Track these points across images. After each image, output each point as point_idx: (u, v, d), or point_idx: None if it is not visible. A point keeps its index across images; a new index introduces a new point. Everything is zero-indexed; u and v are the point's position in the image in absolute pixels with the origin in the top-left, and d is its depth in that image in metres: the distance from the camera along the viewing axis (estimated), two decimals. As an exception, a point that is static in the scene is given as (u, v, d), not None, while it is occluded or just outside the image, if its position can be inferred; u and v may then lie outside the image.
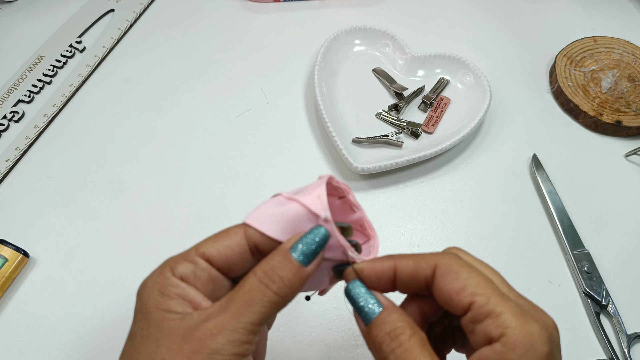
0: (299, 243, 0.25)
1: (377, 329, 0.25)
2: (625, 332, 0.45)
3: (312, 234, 0.26)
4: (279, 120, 0.57)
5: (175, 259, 0.26)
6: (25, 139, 0.54)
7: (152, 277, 0.26)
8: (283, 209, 0.26)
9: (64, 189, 0.52)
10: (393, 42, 0.61)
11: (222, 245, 0.26)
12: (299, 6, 0.68)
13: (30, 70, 0.60)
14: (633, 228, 0.51)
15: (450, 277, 0.25)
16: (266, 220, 0.26)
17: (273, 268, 0.25)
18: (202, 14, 0.67)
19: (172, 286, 0.25)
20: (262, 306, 0.24)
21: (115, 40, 0.63)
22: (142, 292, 0.25)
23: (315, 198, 0.26)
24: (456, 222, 0.51)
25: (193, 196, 0.52)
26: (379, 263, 0.27)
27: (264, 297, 0.24)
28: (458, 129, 0.54)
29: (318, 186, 0.27)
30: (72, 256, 0.48)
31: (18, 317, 0.45)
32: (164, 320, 0.24)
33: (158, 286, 0.25)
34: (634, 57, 0.62)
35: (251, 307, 0.24)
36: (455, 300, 0.24)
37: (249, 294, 0.24)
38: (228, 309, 0.24)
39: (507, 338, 0.22)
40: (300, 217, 0.26)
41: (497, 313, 0.23)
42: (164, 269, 0.25)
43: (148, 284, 0.25)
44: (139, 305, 0.25)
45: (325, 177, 0.28)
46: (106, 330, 0.44)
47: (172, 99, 0.59)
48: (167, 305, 0.24)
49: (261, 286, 0.24)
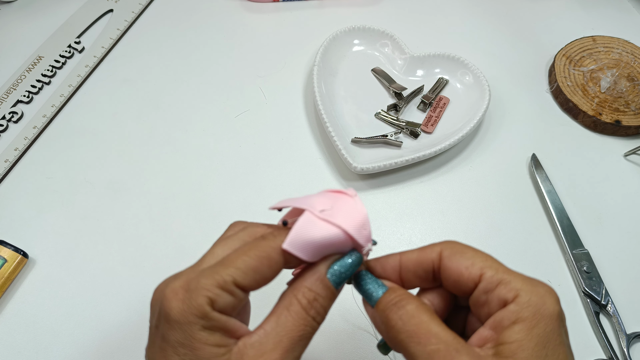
0: (337, 267, 0.26)
1: (383, 303, 0.26)
2: (625, 332, 0.45)
3: (351, 261, 0.26)
4: (278, 121, 0.57)
5: (211, 285, 0.24)
6: (24, 140, 0.54)
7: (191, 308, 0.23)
8: (325, 236, 0.26)
9: (63, 190, 0.52)
10: (392, 42, 0.61)
11: (259, 275, 0.25)
12: (297, 6, 0.68)
13: (29, 70, 0.60)
14: (632, 227, 0.51)
15: (458, 255, 0.26)
16: (308, 248, 0.26)
17: (317, 299, 0.25)
18: (201, 14, 0.67)
19: (215, 321, 0.24)
20: (309, 339, 0.25)
21: (114, 41, 0.63)
22: (181, 323, 0.23)
23: (360, 228, 0.26)
24: (455, 221, 0.51)
25: (192, 196, 0.52)
26: (384, 259, 0.28)
27: (312, 330, 0.25)
28: (457, 129, 0.54)
29: (357, 211, 0.27)
30: (71, 257, 0.48)
31: (17, 317, 0.45)
32: (215, 356, 0.23)
33: (201, 322, 0.23)
34: (633, 57, 0.62)
35: (302, 341, 0.25)
36: (465, 276, 0.25)
37: (302, 328, 0.25)
38: (282, 343, 0.24)
39: (520, 298, 0.24)
40: (342, 244, 0.26)
41: (508, 280, 0.24)
42: (204, 299, 0.23)
43: (188, 317, 0.23)
44: (180, 337, 0.23)
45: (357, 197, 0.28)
46: (105, 331, 0.44)
47: (171, 99, 0.59)
48: (213, 340, 0.23)
49: (309, 319, 0.25)
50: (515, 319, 0.23)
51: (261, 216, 0.50)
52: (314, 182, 0.53)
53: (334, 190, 0.29)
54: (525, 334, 0.23)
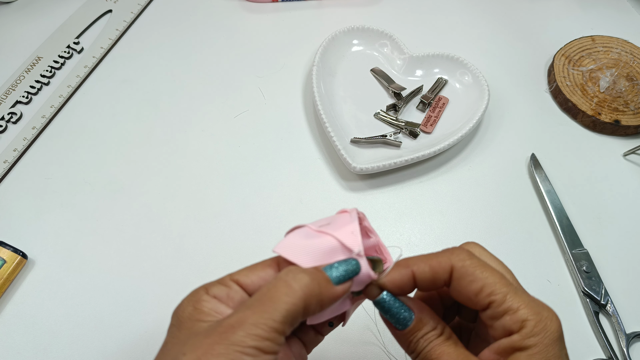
0: (331, 265, 0.27)
1: (413, 335, 0.27)
2: (624, 332, 0.45)
3: (345, 263, 0.27)
4: (277, 121, 0.57)
5: (209, 283, 0.27)
6: (23, 140, 0.54)
7: (187, 297, 0.26)
8: (316, 241, 0.27)
9: (62, 190, 0.52)
10: (391, 42, 0.61)
11: (255, 276, 0.27)
12: (297, 6, 0.68)
13: (28, 71, 0.60)
14: (632, 227, 0.51)
15: (467, 279, 0.27)
16: (297, 250, 0.27)
17: (301, 269, 0.26)
18: (200, 14, 0.67)
19: (206, 301, 0.26)
20: (286, 303, 0.24)
21: (113, 41, 0.63)
22: (177, 310, 0.26)
23: (349, 233, 0.27)
24: (455, 221, 0.51)
25: (191, 197, 0.52)
26: (397, 275, 0.28)
27: (288, 293, 0.24)
28: (456, 129, 0.54)
29: (350, 222, 0.28)
30: (71, 257, 0.48)
31: (16, 318, 0.45)
32: (195, 326, 0.25)
33: (192, 303, 0.26)
34: (632, 56, 0.62)
35: (274, 303, 0.24)
36: (474, 301, 0.27)
37: (274, 289, 0.25)
38: (251, 306, 0.24)
39: (525, 330, 0.25)
40: (333, 250, 0.27)
41: (514, 309, 0.26)
42: (199, 290, 0.26)
43: (183, 303, 0.26)
44: (173, 320, 0.26)
45: (354, 211, 0.29)
46: (105, 332, 0.44)
47: (170, 99, 0.59)
48: (199, 316, 0.25)
49: (287, 281, 0.25)
50: (518, 347, 0.25)
51: (260, 216, 0.50)
52: (313, 182, 0.53)
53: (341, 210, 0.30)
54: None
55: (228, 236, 0.49)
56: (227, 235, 0.49)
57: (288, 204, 0.51)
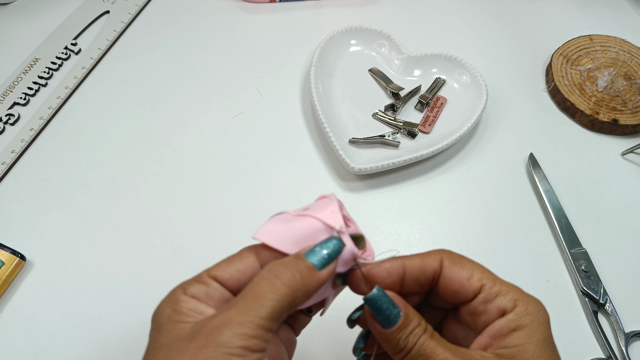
0: (313, 249, 0.26)
1: (401, 332, 0.27)
2: (623, 331, 0.45)
3: (327, 242, 0.26)
4: (276, 121, 0.57)
5: (186, 282, 0.26)
6: (21, 142, 0.54)
7: (164, 299, 0.26)
8: (296, 224, 0.27)
9: (60, 192, 0.52)
10: (389, 42, 0.61)
11: (234, 269, 0.26)
12: (294, 6, 0.68)
13: (26, 72, 0.59)
14: (630, 226, 0.52)
15: (458, 266, 0.28)
16: (277, 235, 0.26)
17: (283, 263, 0.25)
18: (198, 15, 0.67)
19: (184, 302, 0.25)
20: (271, 299, 0.24)
21: (110, 42, 0.63)
22: (155, 313, 0.26)
23: (329, 212, 0.27)
24: (453, 221, 0.51)
25: (190, 198, 0.52)
26: (387, 263, 0.28)
27: (272, 290, 0.24)
28: (455, 129, 0.54)
29: (329, 203, 0.28)
30: (69, 259, 0.48)
31: (15, 320, 0.44)
32: (175, 329, 0.24)
33: (170, 304, 0.25)
34: (630, 56, 0.62)
35: (259, 300, 0.24)
36: (466, 286, 0.27)
37: (257, 287, 0.24)
38: (236, 304, 0.24)
39: (519, 308, 0.26)
40: (314, 231, 0.27)
41: (505, 291, 0.27)
42: (176, 290, 0.26)
43: (161, 305, 0.26)
44: (153, 324, 0.25)
45: (332, 195, 0.29)
46: (103, 333, 0.44)
47: (168, 100, 0.59)
48: (179, 317, 0.24)
49: (270, 278, 0.24)
50: (515, 327, 0.26)
51: (259, 217, 0.50)
52: (312, 182, 0.53)
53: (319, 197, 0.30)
54: (526, 338, 0.25)
55: (227, 237, 0.49)
56: (226, 236, 0.49)
57: (286, 205, 0.51)
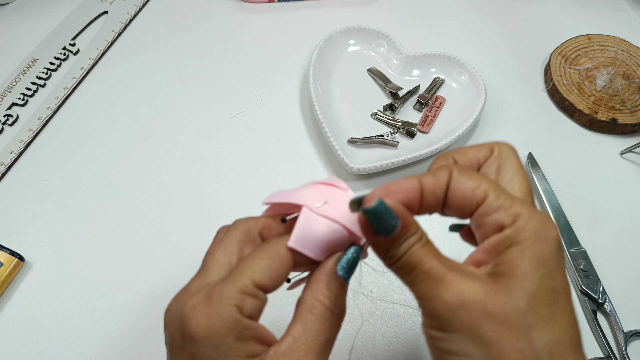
0: (344, 264, 0.27)
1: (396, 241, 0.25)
2: (622, 330, 0.45)
3: (353, 255, 0.27)
4: (274, 121, 0.57)
5: (235, 292, 0.24)
6: (20, 143, 0.54)
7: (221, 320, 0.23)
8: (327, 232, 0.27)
9: (58, 192, 0.52)
10: (388, 42, 0.61)
11: (278, 276, 0.26)
12: (293, 6, 0.68)
13: (24, 73, 0.59)
14: (629, 226, 0.52)
15: (465, 177, 0.26)
16: (313, 246, 0.27)
17: (337, 296, 0.26)
18: (196, 15, 0.67)
19: (247, 329, 0.24)
20: (335, 338, 0.26)
21: (109, 43, 0.63)
22: (213, 337, 0.23)
23: (356, 222, 0.27)
24: (453, 221, 0.51)
25: (188, 198, 0.51)
26: (405, 181, 0.26)
27: (338, 329, 0.26)
28: (453, 128, 0.54)
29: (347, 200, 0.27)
30: (68, 260, 0.48)
31: (14, 321, 0.44)
32: None
33: (234, 332, 0.23)
34: (629, 55, 0.62)
35: (330, 342, 0.26)
36: (469, 197, 0.25)
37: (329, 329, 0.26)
38: (312, 348, 0.25)
39: (518, 223, 0.24)
40: (343, 239, 0.27)
41: (508, 205, 0.24)
42: (231, 308, 0.23)
43: (220, 330, 0.23)
44: (212, 353, 0.23)
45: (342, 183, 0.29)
46: (102, 334, 0.44)
47: (167, 100, 0.59)
48: (246, 351, 0.23)
49: (337, 320, 0.26)
50: (510, 243, 0.24)
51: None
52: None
53: (324, 182, 0.29)
54: (518, 254, 0.23)
55: (225, 237, 0.49)
56: (225, 236, 0.49)
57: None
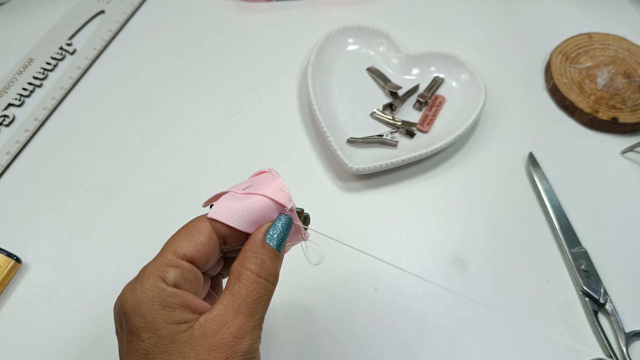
0: (273, 232, 0.28)
1: None
2: (624, 330, 0.45)
3: (281, 222, 0.29)
4: (273, 121, 0.57)
5: (158, 266, 0.26)
6: (16, 143, 0.54)
7: (144, 290, 0.25)
8: (248, 203, 0.28)
9: (55, 193, 0.51)
10: (387, 41, 0.61)
11: (199, 244, 0.27)
12: (291, 5, 0.68)
13: (21, 73, 0.59)
14: (630, 225, 0.51)
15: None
16: (233, 215, 0.28)
17: (264, 261, 0.27)
18: (194, 14, 0.66)
19: (172, 296, 0.25)
20: (267, 300, 0.27)
21: (106, 42, 0.62)
22: (138, 308, 0.25)
23: (278, 190, 0.29)
24: (453, 221, 0.51)
25: (186, 199, 0.51)
26: None
27: (268, 291, 0.27)
28: (453, 128, 0.54)
29: (274, 179, 0.30)
30: (65, 261, 0.47)
31: (11, 323, 0.44)
32: (177, 333, 0.25)
33: (158, 300, 0.25)
34: (629, 53, 0.62)
35: (260, 303, 0.26)
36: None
37: (256, 291, 0.26)
38: (240, 310, 0.25)
39: None
40: (267, 209, 0.29)
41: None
42: (154, 279, 0.25)
43: (143, 299, 0.25)
44: (139, 322, 0.25)
45: (273, 170, 0.31)
46: (100, 336, 0.44)
47: (164, 100, 0.58)
48: (173, 317, 0.25)
49: (266, 283, 0.27)
50: None
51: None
52: (309, 182, 0.53)
53: (256, 172, 0.32)
54: None
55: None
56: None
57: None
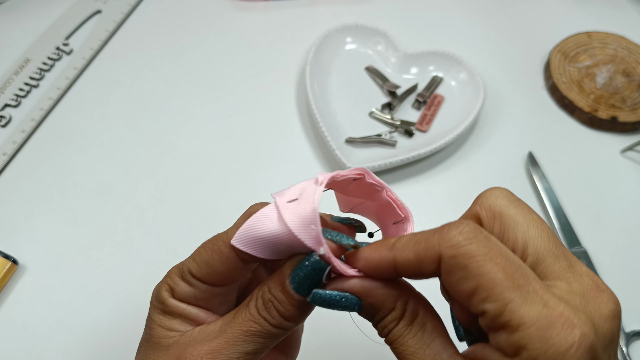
0: (298, 272, 0.23)
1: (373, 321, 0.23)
2: (623, 330, 0.45)
3: (307, 264, 0.22)
4: (271, 121, 0.57)
5: (173, 277, 0.26)
6: (13, 144, 0.53)
7: (155, 293, 0.26)
8: (272, 234, 0.23)
9: (52, 194, 0.51)
10: (385, 40, 0.61)
11: (211, 269, 0.25)
12: (289, 4, 0.67)
13: (17, 73, 0.59)
14: (630, 225, 0.51)
15: (458, 276, 0.19)
16: (256, 244, 0.23)
17: (273, 302, 0.24)
18: (191, 14, 0.66)
19: (172, 307, 0.25)
20: (260, 337, 0.24)
21: (102, 42, 0.62)
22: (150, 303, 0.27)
23: (307, 226, 0.22)
24: (452, 221, 0.51)
25: (184, 199, 0.51)
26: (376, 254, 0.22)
27: (262, 329, 0.24)
28: (452, 127, 0.54)
29: (309, 203, 0.22)
30: (62, 262, 0.47)
31: (8, 325, 0.44)
32: (164, 337, 0.25)
33: (160, 306, 0.26)
34: (628, 52, 0.62)
35: (247, 337, 0.24)
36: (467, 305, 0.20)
37: (247, 323, 0.24)
38: (224, 334, 0.24)
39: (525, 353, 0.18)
40: (293, 242, 0.22)
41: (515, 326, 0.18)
42: (162, 288, 0.26)
43: (153, 301, 0.26)
44: (150, 313, 0.26)
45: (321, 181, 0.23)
46: (97, 337, 0.43)
47: (162, 100, 0.58)
48: (168, 324, 0.25)
49: (259, 318, 0.24)
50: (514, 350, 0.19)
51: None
52: (308, 183, 0.52)
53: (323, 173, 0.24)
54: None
55: (222, 239, 0.49)
56: (221, 238, 0.49)
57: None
